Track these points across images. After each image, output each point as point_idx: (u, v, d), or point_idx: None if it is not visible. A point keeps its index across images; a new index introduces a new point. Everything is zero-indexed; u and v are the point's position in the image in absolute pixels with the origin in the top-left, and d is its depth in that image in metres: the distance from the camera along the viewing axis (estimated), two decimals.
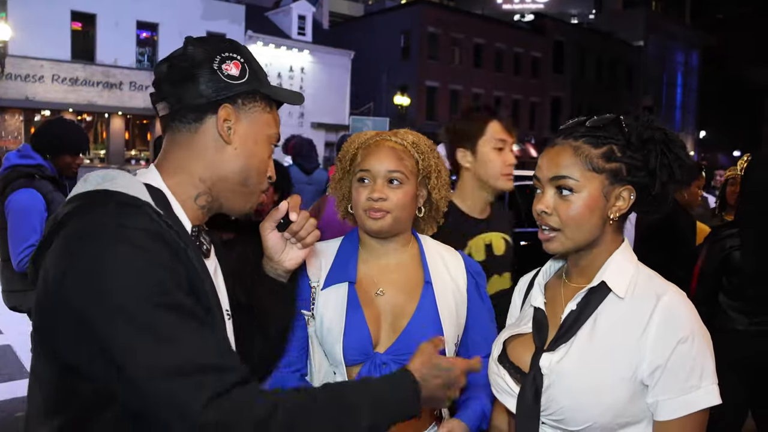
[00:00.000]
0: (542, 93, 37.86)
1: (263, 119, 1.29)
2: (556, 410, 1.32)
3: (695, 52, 51.36)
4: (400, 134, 1.77)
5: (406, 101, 29.75)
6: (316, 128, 26.26)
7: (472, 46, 34.09)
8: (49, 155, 3.48)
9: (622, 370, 1.28)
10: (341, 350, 1.63)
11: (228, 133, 1.23)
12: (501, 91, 35.51)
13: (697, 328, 1.28)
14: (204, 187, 1.25)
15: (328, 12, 30.64)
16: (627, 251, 1.40)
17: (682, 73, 49.95)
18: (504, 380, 1.43)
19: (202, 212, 1.27)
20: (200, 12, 23.95)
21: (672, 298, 1.30)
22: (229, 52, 1.25)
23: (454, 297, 1.74)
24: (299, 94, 1.40)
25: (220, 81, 1.22)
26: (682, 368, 1.25)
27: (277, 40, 25.90)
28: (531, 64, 37.19)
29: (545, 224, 1.36)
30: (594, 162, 1.33)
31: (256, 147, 1.27)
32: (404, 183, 1.68)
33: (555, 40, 38.19)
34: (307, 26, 26.86)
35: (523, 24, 39.68)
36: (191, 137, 1.23)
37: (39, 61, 21.22)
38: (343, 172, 1.80)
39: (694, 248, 3.74)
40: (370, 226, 1.67)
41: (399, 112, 29.40)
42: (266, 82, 1.31)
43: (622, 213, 1.36)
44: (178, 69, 1.22)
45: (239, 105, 1.25)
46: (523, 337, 1.46)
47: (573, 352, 1.33)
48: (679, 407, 1.25)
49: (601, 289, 1.36)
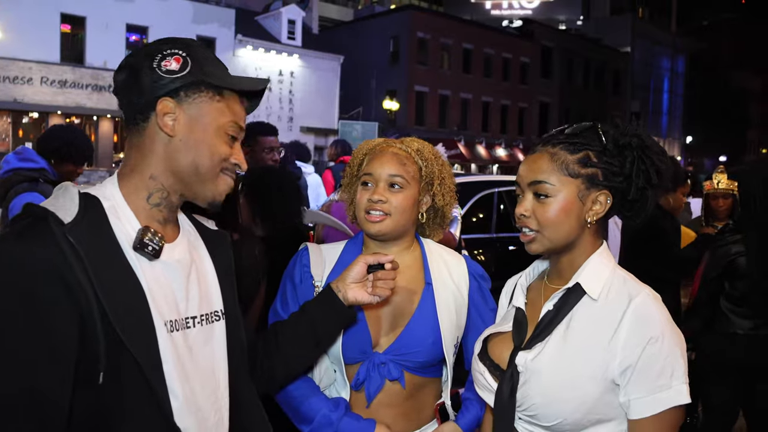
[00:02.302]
0: (530, 98, 37.94)
1: (211, 108, 1.27)
2: (529, 406, 1.37)
3: (681, 58, 51.64)
4: (405, 141, 1.82)
5: (395, 106, 29.86)
6: (305, 132, 26.28)
7: (461, 52, 34.12)
8: (53, 161, 3.41)
9: (593, 368, 1.32)
10: (341, 349, 1.67)
11: (171, 125, 1.23)
12: (489, 97, 35.59)
13: (668, 329, 1.31)
14: (155, 185, 1.25)
15: (317, 16, 30.64)
16: (604, 254, 1.44)
17: (668, 79, 50.20)
18: (484, 377, 1.48)
19: (159, 210, 1.27)
20: (190, 16, 23.92)
21: (644, 299, 1.34)
22: (171, 48, 1.25)
23: (454, 299, 1.77)
24: (257, 79, 1.38)
25: (158, 77, 1.22)
26: (652, 367, 1.28)
27: (266, 44, 25.90)
28: (519, 70, 37.25)
29: (525, 226, 1.42)
30: (570, 167, 1.38)
31: (204, 135, 1.26)
32: (405, 188, 1.71)
33: (543, 46, 38.29)
34: (297, 30, 26.86)
35: (511, 30, 39.70)
36: (141, 138, 1.25)
37: (28, 63, 21.12)
38: (351, 177, 1.85)
39: (679, 252, 3.81)
40: (369, 228, 1.72)
41: (388, 117, 29.51)
42: (216, 72, 1.29)
43: (599, 217, 1.40)
44: (126, 75, 1.24)
45: (182, 97, 1.24)
46: (503, 335, 1.51)
47: (547, 350, 1.38)
48: (651, 405, 1.28)
49: (576, 290, 1.40)
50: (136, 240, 1.19)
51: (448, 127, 32.66)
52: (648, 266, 3.47)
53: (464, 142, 32.98)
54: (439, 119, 33.20)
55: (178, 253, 1.29)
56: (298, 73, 27.01)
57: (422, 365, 1.70)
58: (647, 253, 3.68)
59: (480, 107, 35.37)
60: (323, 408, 1.66)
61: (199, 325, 1.29)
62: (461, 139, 32.81)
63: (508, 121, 37.01)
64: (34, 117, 21.82)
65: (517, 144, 36.00)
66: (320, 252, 1.82)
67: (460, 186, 6.80)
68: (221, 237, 1.47)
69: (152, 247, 1.20)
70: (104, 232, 1.17)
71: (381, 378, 1.68)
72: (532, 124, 37.44)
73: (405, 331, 1.70)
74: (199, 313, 1.30)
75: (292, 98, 26.82)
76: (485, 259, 5.99)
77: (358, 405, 1.71)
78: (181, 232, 1.34)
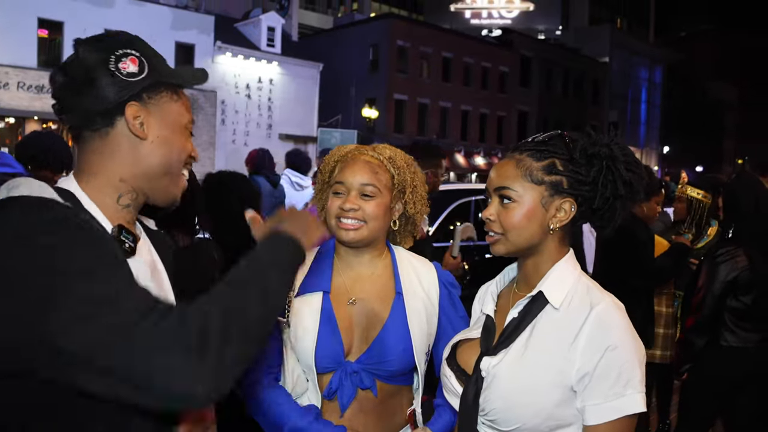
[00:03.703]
0: (509, 107, 38.17)
1: (173, 108, 1.28)
2: (490, 410, 1.38)
3: (659, 68, 52.07)
4: (378, 149, 1.82)
5: (375, 114, 29.95)
6: (284, 140, 26.28)
7: (441, 60, 34.30)
8: (30, 167, 3.31)
9: (552, 375, 1.33)
10: (313, 358, 1.67)
11: (141, 128, 1.23)
12: (469, 105, 35.80)
13: (627, 338, 1.32)
14: (126, 187, 1.25)
15: (297, 24, 30.59)
16: (570, 262, 1.45)
17: (646, 89, 50.58)
18: (450, 381, 1.51)
19: (128, 210, 1.27)
20: (169, 22, 23.87)
21: (605, 307, 1.35)
22: (123, 48, 1.22)
23: (425, 308, 1.77)
24: (201, 70, 1.36)
25: (120, 81, 1.19)
26: (608, 375, 1.29)
27: (246, 51, 25.88)
28: (498, 79, 37.50)
29: (491, 230, 1.46)
30: (534, 174, 1.40)
31: (173, 135, 1.27)
32: (376, 196, 1.71)
33: (522, 55, 38.55)
34: (276, 38, 26.86)
35: (491, 39, 39.93)
36: (104, 142, 1.23)
37: (4, 67, 20.91)
38: (322, 183, 1.85)
39: (653, 261, 3.80)
40: (343, 236, 1.71)
41: (367, 125, 29.60)
42: (165, 69, 1.28)
43: (563, 224, 1.42)
44: (75, 77, 1.20)
45: (145, 100, 1.23)
46: (472, 341, 1.53)
47: (509, 356, 1.39)
48: (605, 413, 1.30)
49: (540, 298, 1.42)
50: (114, 237, 1.20)
51: (427, 135, 32.76)
52: (622, 275, 3.52)
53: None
54: (418, 127, 33.28)
55: (145, 252, 1.31)
56: (278, 81, 27.02)
57: (394, 374, 1.71)
58: (621, 261, 3.67)
59: (459, 115, 35.57)
60: (293, 416, 1.65)
61: None
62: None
63: (487, 129, 37.21)
64: (10, 122, 21.61)
65: (496, 152, 36.16)
66: None
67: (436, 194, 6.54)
68: (163, 237, 1.47)
69: (128, 244, 1.22)
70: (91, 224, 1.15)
71: (353, 387, 1.68)
72: (510, 132, 37.66)
73: (377, 340, 1.70)
74: None
75: (271, 105, 26.80)
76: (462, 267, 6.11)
77: (331, 414, 1.70)
78: (139, 233, 1.35)
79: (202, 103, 23.81)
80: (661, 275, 3.86)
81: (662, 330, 4.14)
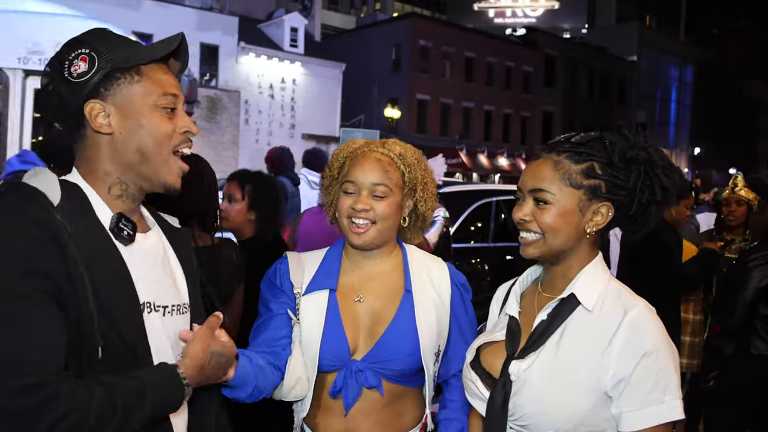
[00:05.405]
0: (533, 107, 37.89)
1: (134, 90, 1.25)
2: (521, 416, 1.36)
3: (690, 67, 51.17)
4: (388, 145, 1.78)
5: (397, 114, 29.92)
6: (307, 139, 26.35)
7: (464, 60, 34.13)
8: (53, 164, 3.38)
9: (585, 380, 1.31)
10: (317, 355, 1.65)
11: (106, 123, 1.24)
12: (492, 105, 35.58)
13: (662, 343, 1.31)
14: (112, 179, 1.27)
15: (320, 24, 30.71)
16: (599, 265, 1.44)
17: (676, 89, 49.75)
18: (476, 385, 1.48)
19: (122, 201, 1.29)
20: (194, 23, 24.08)
21: (639, 312, 1.33)
22: (76, 50, 1.23)
23: (435, 307, 1.74)
24: (168, 38, 1.32)
25: (73, 85, 1.21)
26: (645, 381, 1.28)
27: (269, 51, 26.02)
28: (522, 78, 37.21)
29: (527, 230, 1.42)
30: (572, 178, 1.37)
31: (141, 121, 1.25)
32: (388, 195, 1.69)
33: (547, 55, 38.21)
34: (299, 38, 26.98)
35: (514, 38, 39.71)
36: (83, 142, 1.27)
37: None
38: (330, 179, 1.82)
39: (681, 267, 3.71)
40: (354, 240, 1.69)
41: (389, 125, 29.56)
42: (123, 52, 1.26)
43: (600, 228, 1.39)
44: (45, 87, 1.25)
45: (102, 93, 1.23)
46: (496, 344, 1.50)
47: (540, 360, 1.37)
48: (642, 419, 1.28)
49: (570, 300, 1.40)
50: (112, 225, 1.23)
51: (449, 136, 32.68)
52: (647, 280, 3.40)
53: (466, 150, 32.97)
54: (440, 128, 33.21)
55: (151, 243, 1.33)
56: (300, 81, 27.12)
57: (400, 373, 1.68)
58: (647, 266, 3.59)
59: (482, 116, 35.37)
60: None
61: (169, 314, 1.32)
62: (463, 147, 32.80)
63: (511, 130, 36.95)
64: None
65: (519, 153, 35.93)
66: (300, 260, 1.79)
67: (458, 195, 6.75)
68: (184, 235, 1.48)
69: (127, 232, 1.25)
70: (89, 215, 1.21)
71: (358, 386, 1.66)
72: (535, 133, 37.38)
73: (382, 338, 1.67)
74: (171, 303, 1.32)
75: (294, 105, 26.91)
76: (482, 268, 6.00)
77: (336, 413, 1.68)
78: (151, 225, 1.37)
79: (226, 103, 24.03)
80: (688, 282, 3.76)
81: (689, 338, 4.04)
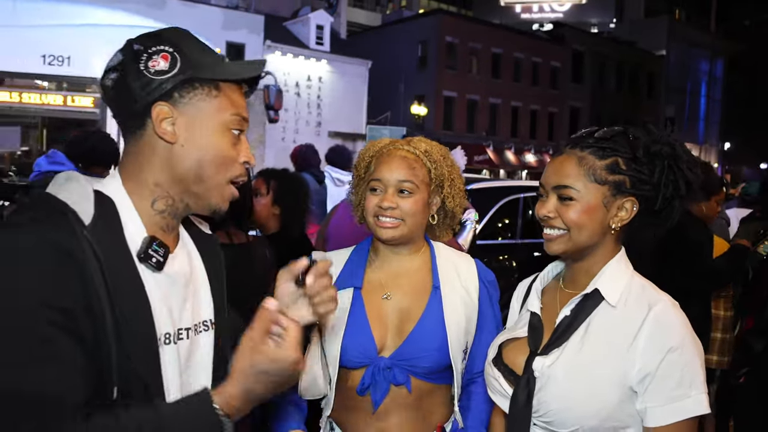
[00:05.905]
0: (561, 103, 37.56)
1: (210, 105, 1.18)
2: (546, 412, 1.35)
3: (720, 60, 50.19)
4: (413, 143, 1.78)
5: (423, 111, 29.80)
6: (333, 137, 26.46)
7: (490, 56, 33.93)
8: (81, 164, 3.48)
9: (611, 375, 1.31)
10: (339, 352, 1.65)
11: (171, 130, 1.15)
12: (519, 101, 35.32)
13: (687, 338, 1.31)
14: (161, 192, 1.19)
15: (345, 22, 30.79)
16: (622, 260, 1.43)
17: (706, 83, 48.82)
18: (498, 382, 1.47)
19: (162, 217, 1.20)
20: (220, 22, 24.31)
21: (664, 307, 1.34)
22: (157, 45, 1.16)
23: (464, 304, 1.73)
24: (254, 62, 1.25)
25: (147, 81, 1.13)
26: (671, 376, 1.28)
27: (295, 49, 26.15)
28: (550, 74, 36.90)
29: (552, 226, 1.41)
30: (597, 173, 1.37)
31: (208, 138, 1.18)
32: (415, 192, 1.69)
33: (574, 50, 37.86)
34: (325, 36, 27.06)
35: (541, 33, 39.29)
36: (138, 144, 1.18)
37: None
38: (358, 179, 1.84)
39: (710, 263, 3.67)
40: (381, 234, 1.70)
41: (416, 122, 29.47)
42: (209, 63, 1.19)
43: (624, 223, 1.39)
44: (113, 78, 1.16)
45: (176, 99, 1.15)
46: (518, 340, 1.50)
47: (564, 356, 1.36)
48: (668, 414, 1.28)
49: (594, 296, 1.39)
50: (140, 250, 1.14)
51: (476, 132, 32.52)
52: (673, 275, 3.38)
53: (493, 147, 32.82)
54: (467, 124, 33.07)
55: (178, 264, 1.24)
56: (327, 78, 27.21)
57: (428, 371, 1.67)
58: (674, 261, 3.55)
59: (509, 112, 35.14)
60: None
61: (192, 335, 1.25)
62: (490, 144, 32.65)
63: (538, 126, 36.66)
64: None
65: (546, 149, 35.61)
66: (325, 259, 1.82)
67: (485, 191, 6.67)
68: (213, 241, 1.41)
69: (156, 259, 1.16)
70: (117, 237, 1.13)
71: (386, 383, 1.65)
72: (562, 129, 37.03)
73: (411, 335, 1.67)
74: (192, 324, 1.26)
75: (321, 103, 27.01)
76: (509, 264, 6.03)
77: (364, 410, 1.67)
78: (180, 240, 1.28)
79: (252, 102, 24.17)
80: (718, 278, 3.70)
81: (720, 334, 3.98)
